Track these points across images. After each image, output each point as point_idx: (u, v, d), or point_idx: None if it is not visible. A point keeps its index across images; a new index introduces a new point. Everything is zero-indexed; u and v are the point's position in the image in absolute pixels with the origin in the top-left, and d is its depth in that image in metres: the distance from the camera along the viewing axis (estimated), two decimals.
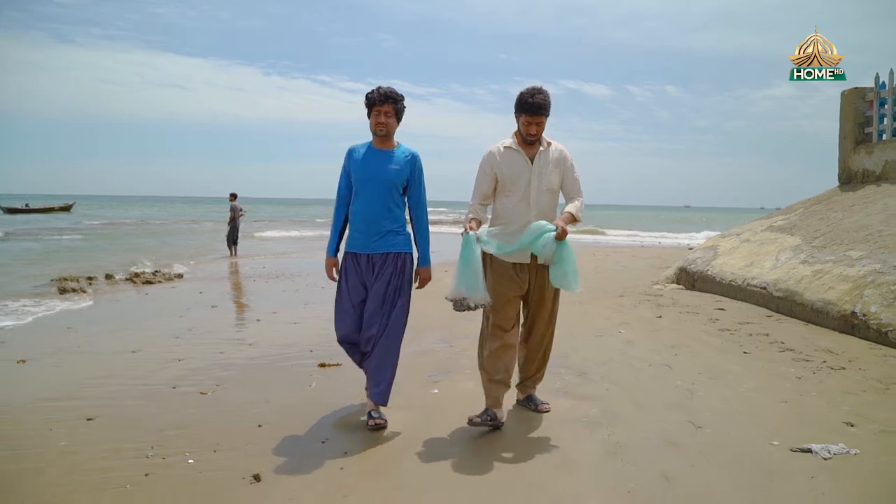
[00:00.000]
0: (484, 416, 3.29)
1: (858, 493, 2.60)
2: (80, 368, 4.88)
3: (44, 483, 2.82)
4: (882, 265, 5.83)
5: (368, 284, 3.37)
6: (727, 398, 3.85)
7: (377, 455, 3.11)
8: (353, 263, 3.40)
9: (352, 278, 3.39)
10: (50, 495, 2.68)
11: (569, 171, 3.42)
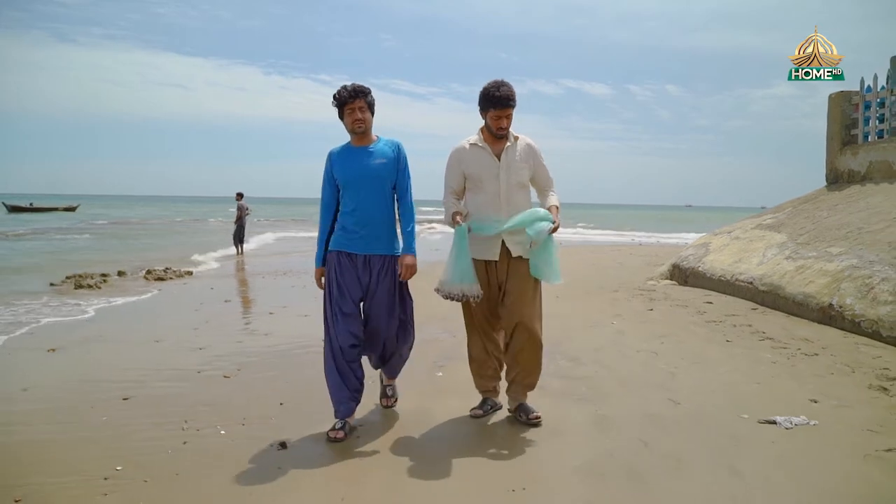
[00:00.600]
0: (484, 406, 3.53)
1: (812, 456, 2.97)
2: (109, 356, 5.25)
3: (97, 448, 3.19)
4: (859, 260, 6.20)
5: (364, 283, 3.27)
6: (705, 379, 4.23)
7: (390, 426, 3.48)
8: (349, 261, 3.26)
9: (349, 277, 3.25)
10: (106, 458, 3.06)
11: (539, 164, 3.37)
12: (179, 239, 22.58)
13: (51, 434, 3.43)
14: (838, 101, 9.80)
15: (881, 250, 6.17)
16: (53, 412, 3.79)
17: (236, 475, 2.86)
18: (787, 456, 2.97)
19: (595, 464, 2.89)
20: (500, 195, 3.27)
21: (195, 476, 2.87)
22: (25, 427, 3.53)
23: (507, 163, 3.29)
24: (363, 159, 3.25)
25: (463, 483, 2.76)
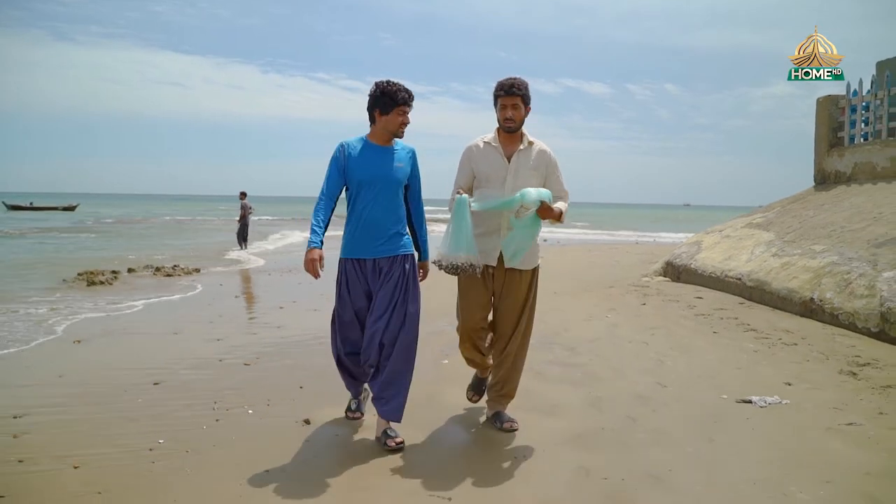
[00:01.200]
0: (478, 387, 3.62)
1: (782, 429, 3.32)
2: (133, 346, 5.59)
3: (138, 425, 3.53)
4: (839, 257, 6.56)
5: (374, 290, 3.14)
6: (691, 366, 4.58)
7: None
8: (357, 270, 3.15)
9: (355, 288, 3.16)
10: (147, 433, 3.39)
11: (552, 173, 3.25)
12: (183, 237, 22.88)
13: (93, 414, 3.76)
14: (826, 104, 10.16)
15: (860, 248, 6.53)
16: (91, 395, 4.12)
17: (268, 447, 3.20)
18: (760, 429, 3.32)
19: (587, 436, 3.24)
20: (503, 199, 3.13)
21: (231, 447, 3.21)
22: (69, 408, 3.86)
23: (516, 167, 3.17)
24: (385, 160, 3.10)
25: (470, 451, 3.11)
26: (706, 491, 2.62)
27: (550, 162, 3.25)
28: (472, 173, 3.26)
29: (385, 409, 3.12)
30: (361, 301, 3.17)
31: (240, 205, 16.99)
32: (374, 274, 3.13)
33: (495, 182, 3.18)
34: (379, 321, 3.07)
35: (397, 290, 3.10)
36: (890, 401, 3.73)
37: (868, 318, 5.45)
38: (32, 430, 3.45)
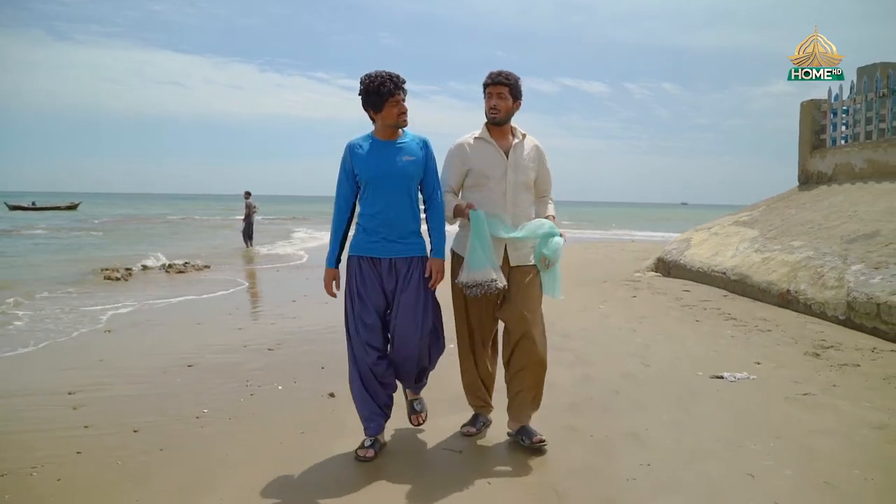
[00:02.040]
0: (476, 423, 3.31)
1: (747, 399, 3.81)
2: (161, 335, 6.06)
3: (181, 400, 4.01)
4: (815, 252, 7.06)
5: (388, 290, 2.97)
6: (673, 349, 5.08)
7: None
8: (372, 268, 2.96)
9: (370, 284, 2.95)
10: (191, 405, 3.87)
11: (542, 166, 3.19)
12: (189, 235, 23.33)
13: (138, 391, 4.24)
14: (809, 108, 10.67)
15: (834, 243, 7.04)
16: (132, 376, 4.60)
17: (300, 416, 3.68)
18: (729, 399, 3.81)
19: (578, 404, 3.73)
20: (505, 195, 3.03)
21: (268, 415, 3.70)
22: (114, 386, 4.34)
23: (514, 161, 3.06)
24: (391, 155, 2.92)
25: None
26: (675, 445, 3.11)
27: (542, 155, 3.20)
28: (463, 172, 3.09)
29: (412, 386, 3.23)
30: (379, 298, 2.96)
31: (244, 204, 17.44)
32: (391, 275, 2.95)
33: (495, 178, 3.02)
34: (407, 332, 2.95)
35: (420, 295, 2.95)
36: (844, 376, 4.23)
37: (836, 307, 5.96)
38: (88, 404, 3.93)
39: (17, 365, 4.97)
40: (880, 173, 8.84)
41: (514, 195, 3.07)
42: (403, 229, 2.95)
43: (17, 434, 3.41)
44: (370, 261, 2.96)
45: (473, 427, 3.29)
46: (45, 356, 5.23)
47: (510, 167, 3.05)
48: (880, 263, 5.98)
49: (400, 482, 2.78)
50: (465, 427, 3.31)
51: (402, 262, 2.96)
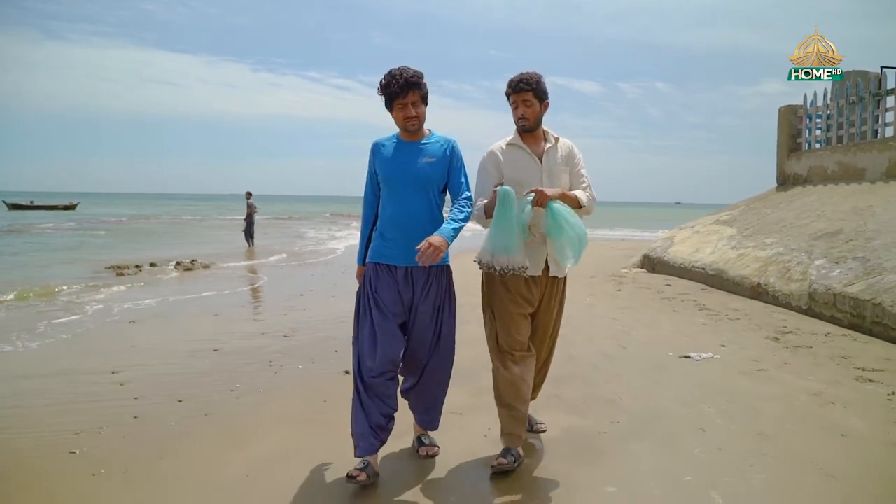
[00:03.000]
0: (508, 456, 2.83)
1: (709, 374, 4.39)
2: (183, 325, 6.61)
3: (214, 377, 4.56)
4: (784, 249, 7.67)
5: (406, 300, 2.83)
6: (650, 335, 5.66)
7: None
8: (389, 275, 2.81)
9: (386, 291, 2.80)
10: (223, 382, 4.42)
11: (575, 166, 3.02)
12: (191, 235, 23.82)
13: (173, 370, 4.78)
14: (786, 113, 11.29)
15: (802, 240, 7.64)
16: (164, 358, 5.15)
17: (321, 389, 4.24)
18: (692, 374, 4.40)
19: (560, 377, 4.30)
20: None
21: (293, 389, 4.26)
22: (151, 366, 4.88)
23: (548, 166, 2.93)
24: (411, 156, 2.82)
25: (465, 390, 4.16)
26: (643, 408, 3.69)
27: (576, 156, 3.04)
28: (498, 180, 2.90)
29: (423, 418, 3.06)
30: (397, 307, 2.80)
31: (246, 204, 17.95)
32: (407, 282, 2.82)
33: (529, 184, 2.85)
34: (422, 342, 2.87)
35: (437, 308, 2.87)
36: (796, 356, 4.83)
37: (800, 297, 6.56)
38: (132, 381, 4.47)
39: (55, 352, 5.49)
40: (849, 175, 9.46)
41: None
42: (419, 235, 2.69)
43: (78, 404, 3.96)
44: (386, 268, 2.82)
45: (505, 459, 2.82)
46: (79, 344, 5.76)
47: (545, 173, 2.92)
48: (840, 258, 6.58)
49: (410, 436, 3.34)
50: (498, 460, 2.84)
51: (420, 272, 2.81)
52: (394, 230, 2.82)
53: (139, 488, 2.78)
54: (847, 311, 5.82)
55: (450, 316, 2.94)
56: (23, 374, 4.69)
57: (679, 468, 2.87)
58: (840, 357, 4.77)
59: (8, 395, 4.15)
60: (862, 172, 9.13)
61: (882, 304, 5.38)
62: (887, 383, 4.09)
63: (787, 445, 3.12)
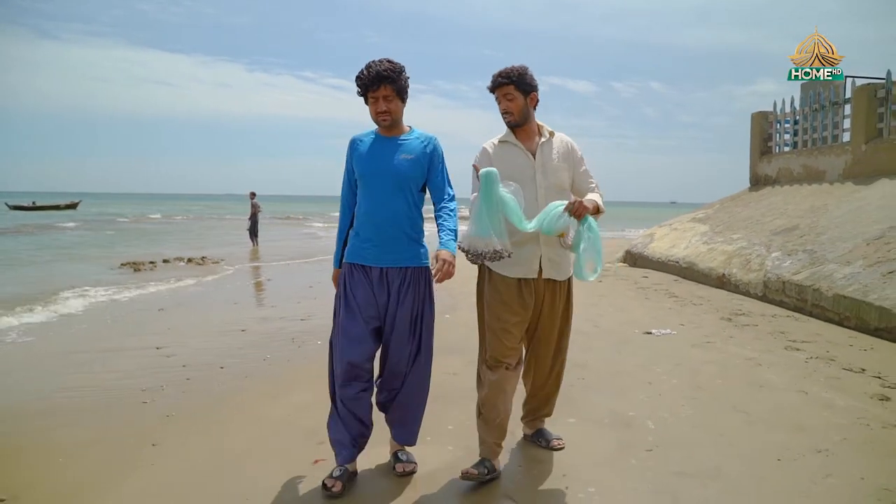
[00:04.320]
0: (480, 467, 2.72)
1: (665, 346, 5.21)
2: (206, 311, 7.40)
3: (245, 351, 5.35)
4: (748, 243, 8.51)
5: (381, 303, 2.69)
6: (621, 317, 6.49)
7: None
8: (363, 276, 2.70)
9: (361, 293, 2.68)
10: (253, 355, 5.22)
11: (579, 165, 2.91)
12: (197, 234, 24.55)
13: (209, 345, 5.58)
14: (758, 119, 12.15)
15: (763, 235, 8.49)
16: (200, 337, 5.94)
17: None
18: (651, 346, 5.22)
19: None
20: (536, 200, 2.76)
21: (316, 358, 5.04)
22: (190, 343, 5.68)
23: (542, 162, 2.82)
24: (388, 152, 2.71)
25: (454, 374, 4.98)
26: (604, 369, 4.50)
27: (576, 153, 2.92)
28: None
29: (399, 432, 2.86)
30: (371, 310, 2.68)
31: (250, 204, 18.71)
32: (381, 286, 2.69)
33: (522, 181, 2.75)
34: (399, 354, 2.73)
35: (415, 313, 2.73)
36: (742, 332, 5.66)
37: (756, 285, 7.40)
38: (176, 354, 5.26)
39: (98, 334, 6.28)
40: (812, 177, 10.31)
41: (547, 199, 2.75)
42: (395, 235, 2.67)
43: (135, 371, 4.75)
44: (361, 268, 2.71)
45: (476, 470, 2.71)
46: (119, 328, 6.54)
47: (538, 169, 2.81)
48: (793, 251, 7.42)
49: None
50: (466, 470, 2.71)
51: (395, 273, 2.69)
52: (369, 229, 2.70)
53: (207, 425, 3.58)
54: (793, 296, 6.67)
55: (429, 327, 2.79)
56: (76, 350, 5.48)
57: (626, 407, 3.69)
58: (778, 332, 5.60)
59: (70, 366, 4.93)
60: (822, 174, 9.99)
61: (820, 290, 6.22)
62: (809, 352, 4.92)
63: (714, 393, 3.95)
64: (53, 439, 3.35)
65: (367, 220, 2.70)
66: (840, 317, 5.86)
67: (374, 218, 2.68)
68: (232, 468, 2.95)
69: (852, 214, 7.57)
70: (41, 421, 3.65)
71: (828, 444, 3.10)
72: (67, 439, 3.35)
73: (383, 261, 2.69)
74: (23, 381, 4.54)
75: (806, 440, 3.16)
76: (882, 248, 6.22)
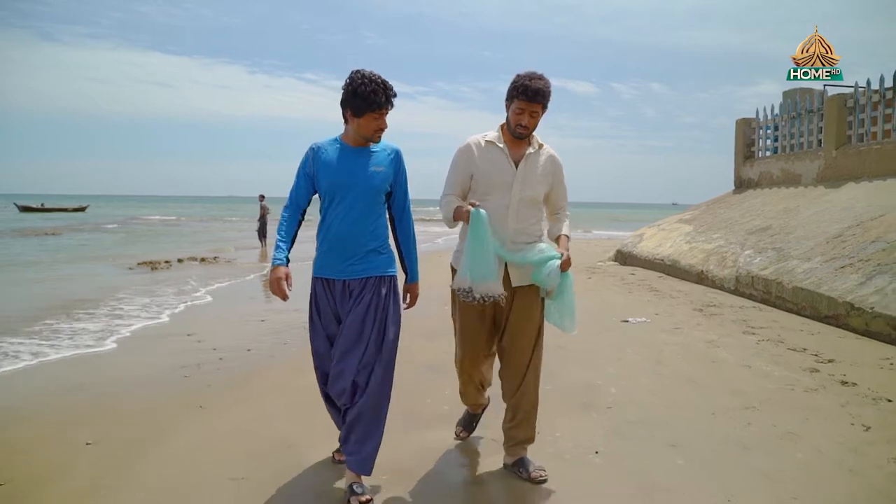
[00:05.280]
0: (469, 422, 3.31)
1: (640, 333, 5.89)
2: (226, 305, 8.10)
3: (269, 335, 6.05)
4: (725, 242, 9.19)
5: (343, 315, 2.68)
6: (604, 308, 7.18)
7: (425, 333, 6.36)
8: (326, 291, 2.72)
9: (325, 313, 2.73)
10: (279, 338, 5.91)
11: (559, 182, 2.92)
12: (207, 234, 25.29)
13: (237, 332, 6.27)
14: (742, 125, 12.82)
15: (740, 235, 9.17)
16: (225, 326, 6.64)
17: None
18: (626, 331, 5.91)
19: None
20: (508, 209, 2.77)
21: None
22: (217, 332, 6.37)
23: (524, 173, 2.79)
24: (358, 163, 2.66)
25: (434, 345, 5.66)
26: (583, 349, 5.18)
27: (558, 170, 2.92)
28: (469, 175, 2.82)
29: (353, 460, 2.64)
30: (332, 327, 2.71)
31: (259, 206, 19.43)
32: (344, 297, 2.68)
33: (499, 189, 2.75)
34: (348, 356, 2.61)
35: (368, 317, 2.63)
36: (709, 320, 6.35)
37: (730, 280, 8.08)
38: (206, 339, 5.94)
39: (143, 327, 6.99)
40: (789, 180, 10.99)
41: (518, 210, 2.78)
42: (359, 247, 2.65)
43: (171, 353, 5.44)
44: (325, 282, 2.71)
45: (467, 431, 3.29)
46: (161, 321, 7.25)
47: (518, 179, 2.78)
48: (763, 249, 8.10)
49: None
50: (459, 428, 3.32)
51: (356, 284, 2.66)
52: (333, 241, 2.66)
53: (243, 394, 4.27)
54: (760, 289, 7.35)
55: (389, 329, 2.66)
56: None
57: (594, 377, 4.38)
58: (741, 321, 6.29)
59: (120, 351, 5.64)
60: (799, 178, 10.66)
61: (782, 283, 6.90)
62: (764, 336, 5.61)
63: (673, 367, 4.64)
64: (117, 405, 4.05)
65: (333, 234, 2.65)
66: (798, 307, 6.54)
67: (344, 232, 2.63)
68: (266, 426, 3.62)
69: (818, 215, 8.25)
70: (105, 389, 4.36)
71: (755, 403, 3.78)
72: (131, 404, 4.05)
73: (346, 273, 2.67)
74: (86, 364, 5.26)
75: (739, 401, 3.84)
76: (839, 245, 6.90)
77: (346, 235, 2.63)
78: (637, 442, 3.25)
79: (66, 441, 3.36)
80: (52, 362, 5.15)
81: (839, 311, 5.86)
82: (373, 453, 2.63)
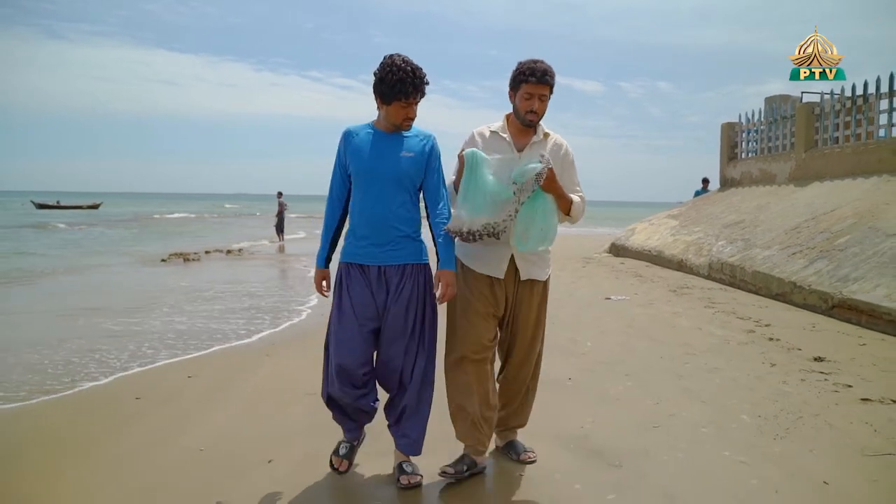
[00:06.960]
0: (458, 465, 2.73)
1: (617, 308, 7.01)
2: (288, 284, 9.27)
3: (311, 311, 7.21)
4: (704, 234, 10.31)
5: (380, 303, 2.62)
6: (591, 290, 8.31)
7: None
8: (361, 276, 2.63)
9: (358, 293, 2.62)
10: (317, 314, 7.07)
11: (566, 170, 2.79)
12: (224, 230, 26.51)
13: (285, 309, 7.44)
14: (727, 128, 13.91)
15: (716, 228, 10.28)
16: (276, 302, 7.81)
17: None
18: (607, 307, 7.04)
19: None
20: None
21: None
22: (267, 308, 7.53)
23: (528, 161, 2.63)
24: (389, 148, 2.64)
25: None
26: (570, 319, 6.31)
27: (567, 158, 2.82)
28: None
29: (403, 442, 2.73)
30: (369, 308, 2.62)
31: (277, 202, 20.63)
32: (380, 285, 2.64)
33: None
34: (393, 344, 2.65)
35: (410, 310, 2.64)
36: (679, 298, 7.48)
37: (703, 267, 9.20)
38: (262, 307, 7.11)
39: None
40: (766, 180, 12.08)
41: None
42: (393, 232, 2.62)
43: (209, 328, 6.60)
44: (359, 268, 2.65)
45: (453, 469, 2.71)
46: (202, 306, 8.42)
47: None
48: (734, 240, 9.21)
49: None
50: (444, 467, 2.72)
51: (393, 271, 2.64)
52: (366, 228, 2.63)
53: (299, 350, 5.42)
54: (727, 273, 8.47)
55: (431, 326, 2.71)
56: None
57: (576, 335, 5.52)
58: (706, 298, 7.41)
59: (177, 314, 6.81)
60: (774, 177, 11.75)
61: (744, 267, 8.02)
62: (720, 309, 6.73)
63: (641, 330, 5.77)
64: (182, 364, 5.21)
65: (365, 219, 2.62)
66: (756, 287, 7.66)
67: (373, 217, 2.60)
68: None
69: (784, 210, 9.35)
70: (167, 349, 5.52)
71: (696, 352, 4.92)
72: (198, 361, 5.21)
73: (381, 259, 2.62)
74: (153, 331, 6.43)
75: (684, 350, 4.98)
76: (794, 235, 8.01)
77: (377, 220, 2.60)
78: (600, 373, 4.39)
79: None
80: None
81: (785, 289, 6.98)
82: (422, 436, 2.72)
